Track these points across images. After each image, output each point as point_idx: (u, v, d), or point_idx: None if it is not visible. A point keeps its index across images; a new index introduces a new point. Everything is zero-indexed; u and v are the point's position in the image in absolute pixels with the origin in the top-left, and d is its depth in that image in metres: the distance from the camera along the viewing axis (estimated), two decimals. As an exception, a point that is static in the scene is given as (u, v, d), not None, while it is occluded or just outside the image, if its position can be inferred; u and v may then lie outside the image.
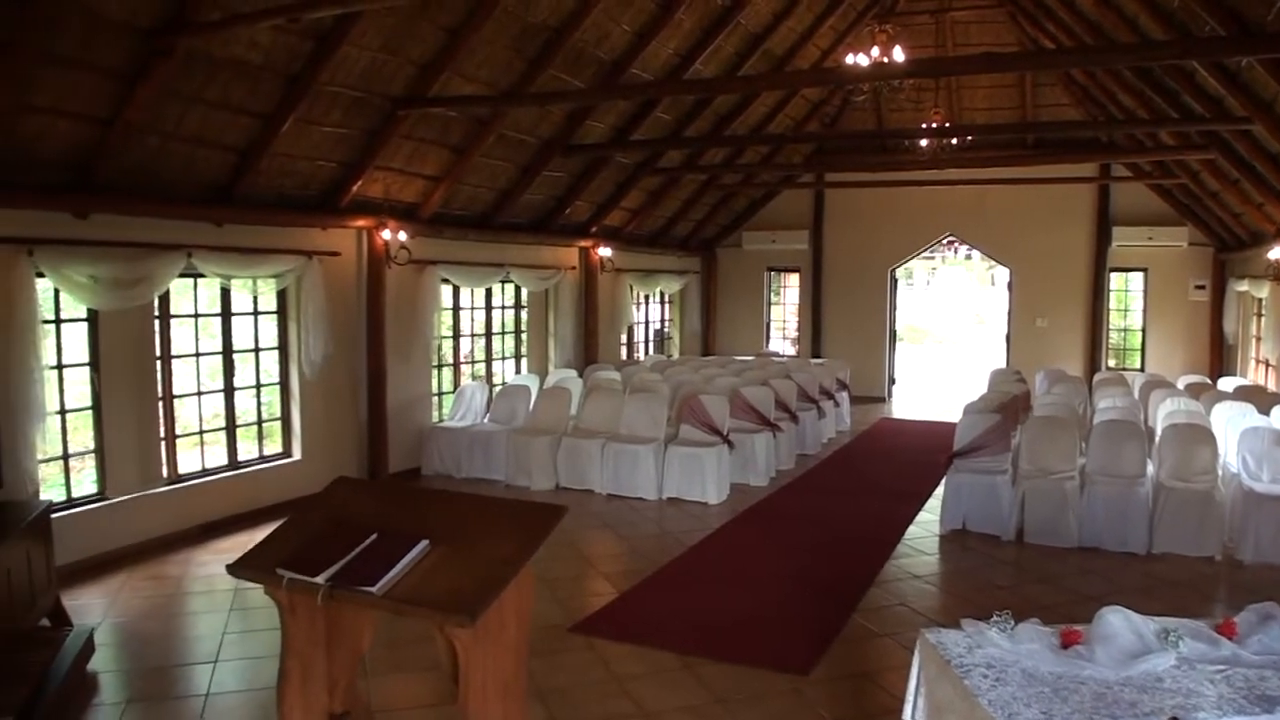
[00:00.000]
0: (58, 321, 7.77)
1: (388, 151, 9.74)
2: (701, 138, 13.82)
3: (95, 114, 7.08)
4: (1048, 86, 15.05)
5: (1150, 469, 8.73)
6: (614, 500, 10.18)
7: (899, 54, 10.21)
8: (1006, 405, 10.04)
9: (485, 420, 11.57)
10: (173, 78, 7.22)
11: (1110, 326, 16.62)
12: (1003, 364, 16.68)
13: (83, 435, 8.19)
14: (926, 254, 20.28)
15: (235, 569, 4.07)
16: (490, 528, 4.01)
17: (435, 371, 12.08)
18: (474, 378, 12.88)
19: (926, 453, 12.12)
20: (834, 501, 10.21)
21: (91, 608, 6.89)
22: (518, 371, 13.65)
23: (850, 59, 10.11)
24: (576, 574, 7.79)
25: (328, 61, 8.08)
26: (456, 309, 12.58)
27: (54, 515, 6.31)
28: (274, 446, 10.01)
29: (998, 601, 6.66)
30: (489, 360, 13.31)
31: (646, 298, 17.75)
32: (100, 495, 8.10)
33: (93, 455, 8.15)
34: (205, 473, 9.14)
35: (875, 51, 10.19)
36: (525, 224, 13.13)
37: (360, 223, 10.30)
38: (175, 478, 8.79)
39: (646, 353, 17.68)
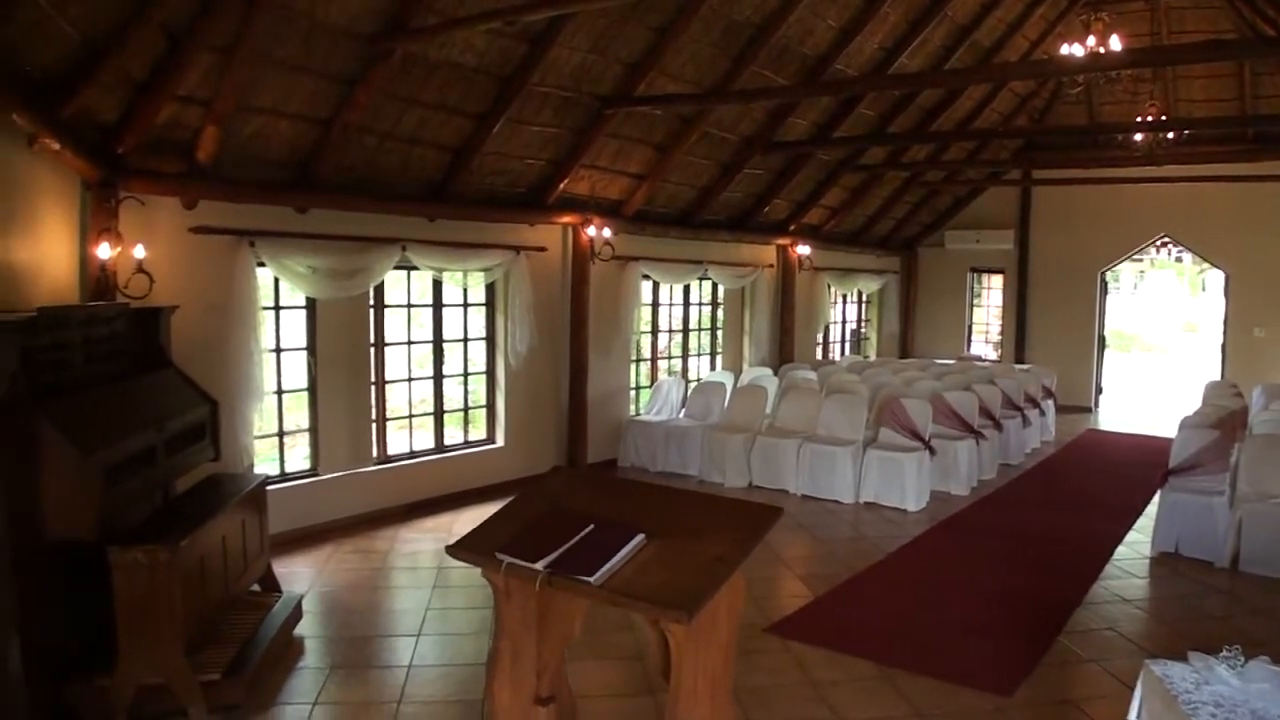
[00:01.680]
0: (277, 308, 8.17)
1: (594, 150, 9.76)
2: (905, 134, 13.28)
3: (315, 115, 7.39)
4: (1267, 76, 13.51)
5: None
6: (809, 501, 9.84)
7: (1116, 43, 9.43)
8: (1225, 421, 9.07)
9: (681, 415, 11.47)
10: (391, 80, 7.46)
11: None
12: (1217, 375, 15.22)
13: (297, 415, 8.60)
14: (1135, 256, 18.68)
15: (455, 550, 4.07)
16: (705, 525, 3.89)
17: (633, 366, 12.08)
18: (670, 373, 12.79)
19: (1135, 468, 11.26)
20: (1038, 515, 9.51)
21: (300, 576, 7.18)
22: (713, 368, 13.49)
23: (1065, 49, 9.39)
24: (772, 574, 7.53)
25: (539, 63, 8.15)
26: (655, 305, 12.55)
27: (268, 488, 6.58)
28: (478, 432, 10.22)
29: (1211, 632, 6.12)
30: (685, 356, 13.21)
31: (844, 297, 17.20)
32: (312, 471, 8.47)
33: (307, 434, 8.53)
34: (412, 455, 9.42)
35: (1091, 41, 9.46)
36: (724, 221, 12.94)
37: (566, 219, 10.37)
38: (384, 458, 9.09)
39: (842, 353, 17.15)
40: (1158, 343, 31.28)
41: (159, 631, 4.60)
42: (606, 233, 10.65)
